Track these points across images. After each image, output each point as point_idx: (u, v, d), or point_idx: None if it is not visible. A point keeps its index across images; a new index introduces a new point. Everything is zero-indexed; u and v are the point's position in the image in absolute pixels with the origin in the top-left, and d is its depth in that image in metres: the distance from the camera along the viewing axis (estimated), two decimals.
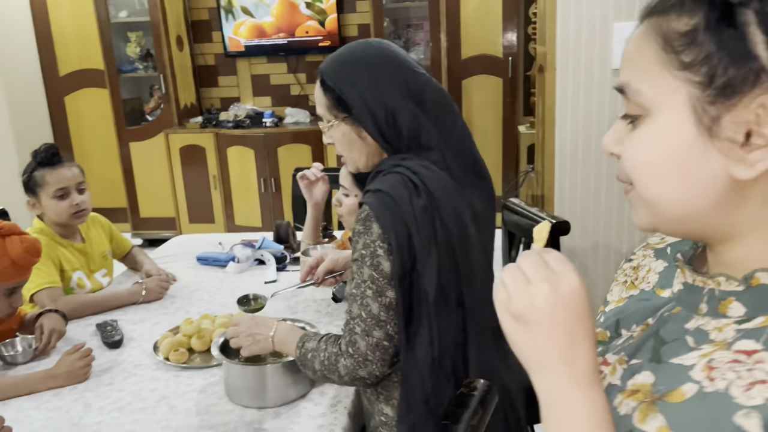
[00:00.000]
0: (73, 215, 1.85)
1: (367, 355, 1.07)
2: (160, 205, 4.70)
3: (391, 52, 1.15)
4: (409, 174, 1.07)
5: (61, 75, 4.64)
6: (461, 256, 1.08)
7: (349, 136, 1.16)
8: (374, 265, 1.05)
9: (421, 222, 1.04)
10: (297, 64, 4.74)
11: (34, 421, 1.26)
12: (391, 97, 1.10)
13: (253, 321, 1.30)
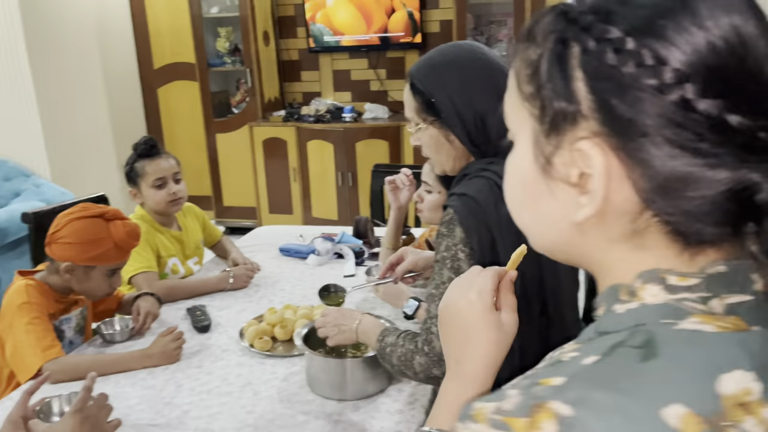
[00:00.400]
0: (170, 203, 1.96)
1: (442, 355, 1.08)
2: (242, 195, 4.88)
3: (483, 54, 1.13)
4: (495, 179, 1.06)
5: (155, 68, 4.89)
6: (546, 263, 1.06)
7: (437, 140, 1.16)
8: (454, 267, 1.05)
9: (506, 228, 1.02)
10: (378, 60, 4.78)
11: (130, 397, 1.35)
12: (481, 100, 1.09)
13: (340, 313, 1.34)
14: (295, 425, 1.22)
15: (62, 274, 1.53)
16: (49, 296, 1.56)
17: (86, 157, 4.44)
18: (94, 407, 1.10)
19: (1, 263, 3.53)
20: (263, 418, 1.24)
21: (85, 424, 1.06)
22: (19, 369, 1.46)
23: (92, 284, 1.56)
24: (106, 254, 1.54)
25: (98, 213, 1.55)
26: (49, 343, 1.46)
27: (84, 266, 1.54)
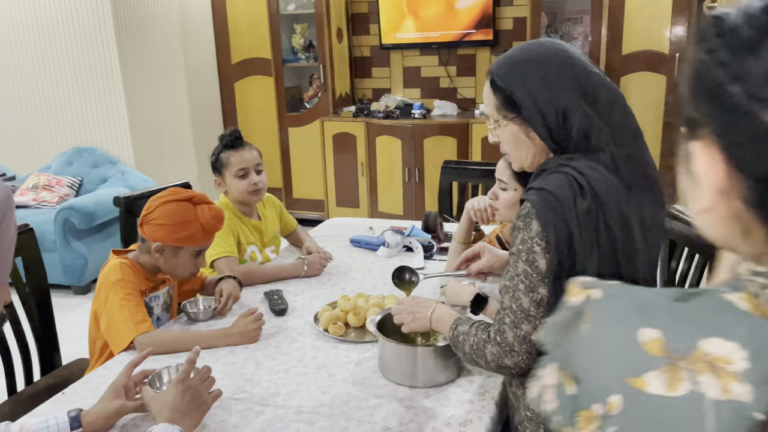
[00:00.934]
0: (251, 193, 2.06)
1: (514, 346, 1.09)
2: (311, 188, 5.01)
3: (564, 51, 1.13)
4: (575, 174, 1.06)
5: (233, 63, 5.07)
6: (624, 261, 1.06)
7: (516, 136, 1.17)
8: (529, 261, 1.06)
9: (584, 224, 1.03)
10: (448, 57, 4.79)
11: (214, 372, 1.41)
12: (563, 97, 1.09)
13: (415, 300, 1.38)
14: (368, 407, 1.26)
15: (153, 253, 1.64)
16: (140, 274, 1.67)
17: (167, 147, 4.67)
18: (196, 379, 1.18)
19: (90, 244, 3.78)
20: (338, 399, 1.30)
21: (186, 394, 1.14)
22: (113, 341, 1.57)
23: (179, 264, 1.66)
24: (193, 236, 1.63)
25: (187, 197, 1.65)
26: (140, 317, 1.56)
27: (173, 246, 1.64)
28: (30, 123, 4.44)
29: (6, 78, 4.39)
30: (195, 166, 4.93)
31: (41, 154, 4.47)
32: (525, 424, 1.21)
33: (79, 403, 1.32)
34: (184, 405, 1.13)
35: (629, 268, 1.07)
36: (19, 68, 4.34)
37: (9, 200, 0.87)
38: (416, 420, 1.21)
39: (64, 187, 4.12)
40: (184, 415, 1.12)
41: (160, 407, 1.13)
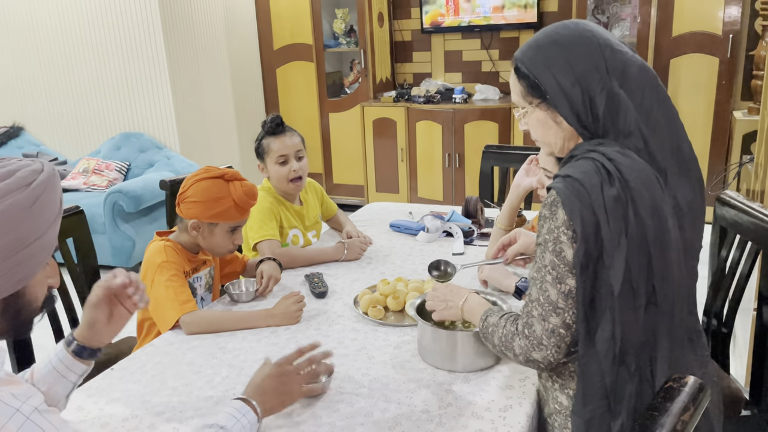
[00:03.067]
0: (290, 181, 2.08)
1: (542, 340, 1.06)
2: (351, 173, 5.03)
3: (588, 31, 1.08)
4: (603, 160, 1.02)
5: (275, 49, 5.11)
6: (656, 251, 1.01)
7: (544, 122, 1.13)
8: (556, 251, 1.03)
9: (612, 212, 0.98)
10: (491, 41, 4.71)
11: (256, 351, 1.46)
12: (588, 78, 1.05)
13: (448, 289, 1.37)
14: (407, 391, 1.27)
15: (190, 231, 1.68)
16: (182, 255, 1.70)
17: (211, 133, 4.75)
18: (293, 368, 1.19)
19: (138, 227, 3.89)
20: (378, 381, 1.31)
21: (279, 378, 1.16)
22: (159, 321, 1.62)
23: (216, 240, 1.70)
24: (227, 212, 1.66)
25: (219, 174, 1.68)
26: (185, 298, 1.60)
27: (208, 223, 1.67)
28: (81, 110, 4.58)
29: (58, 67, 4.53)
30: (238, 151, 5.01)
31: (91, 140, 4.61)
32: (554, 417, 1.19)
33: (127, 378, 1.37)
34: (272, 387, 1.14)
35: (661, 259, 1.02)
36: (70, 58, 4.48)
37: (49, 180, 0.89)
38: (455, 404, 1.21)
39: (112, 172, 4.24)
40: (266, 396, 1.13)
41: (255, 379, 1.15)
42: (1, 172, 0.85)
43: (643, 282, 1.01)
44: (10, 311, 0.88)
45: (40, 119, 4.72)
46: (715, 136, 4.13)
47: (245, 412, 1.07)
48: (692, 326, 1.11)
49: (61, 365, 1.09)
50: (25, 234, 0.84)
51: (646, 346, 1.04)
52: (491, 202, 2.61)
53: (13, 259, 0.83)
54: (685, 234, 1.06)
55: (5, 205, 0.82)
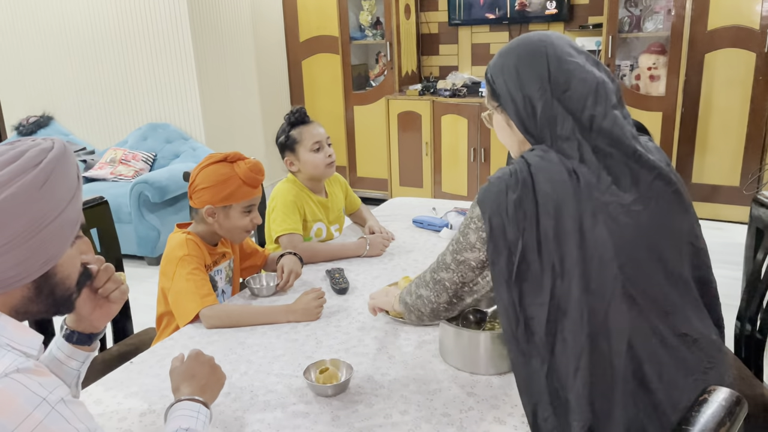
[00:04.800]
0: (327, 166, 2.07)
1: (429, 283, 1.24)
2: (375, 167, 5.00)
3: (544, 41, 1.14)
4: (520, 165, 1.08)
5: (301, 41, 5.09)
6: (555, 248, 1.03)
7: (500, 124, 1.21)
8: (464, 233, 1.15)
9: (512, 215, 1.06)
10: (519, 33, 4.63)
11: (276, 348, 1.45)
12: (530, 86, 1.11)
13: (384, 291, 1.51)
14: (428, 392, 1.24)
15: (206, 218, 1.68)
16: (203, 248, 1.70)
17: (236, 124, 4.77)
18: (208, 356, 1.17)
19: (162, 217, 3.92)
20: (397, 381, 1.28)
21: (208, 365, 1.14)
22: (179, 314, 1.61)
23: (233, 223, 1.69)
24: (237, 191, 1.66)
25: (222, 158, 1.68)
26: (206, 291, 1.60)
27: (222, 207, 1.67)
28: (109, 100, 4.63)
29: (88, 59, 4.58)
30: (263, 143, 5.02)
31: (119, 130, 4.66)
32: None
33: (146, 372, 1.37)
34: (205, 376, 1.12)
35: (561, 258, 1.04)
36: (99, 49, 4.52)
37: (59, 158, 0.87)
38: (477, 408, 1.18)
39: (139, 162, 4.28)
40: (205, 388, 1.10)
41: (178, 381, 1.11)
42: (12, 153, 0.84)
43: (548, 280, 1.05)
44: (45, 292, 0.88)
45: (69, 109, 4.78)
46: (750, 135, 4.01)
47: (198, 409, 1.04)
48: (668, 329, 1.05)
49: (60, 353, 1.09)
50: (42, 214, 0.84)
51: (553, 341, 1.05)
52: None
53: (33, 241, 0.83)
54: (628, 232, 1.04)
55: (16, 188, 0.81)
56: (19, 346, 0.81)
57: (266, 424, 1.16)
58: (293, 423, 1.15)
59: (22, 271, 0.83)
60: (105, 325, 1.12)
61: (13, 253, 0.81)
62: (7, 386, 0.73)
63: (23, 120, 4.78)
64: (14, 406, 0.73)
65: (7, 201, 0.81)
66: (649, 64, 4.08)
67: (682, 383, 1.02)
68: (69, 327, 1.08)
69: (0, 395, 0.73)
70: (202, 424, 1.03)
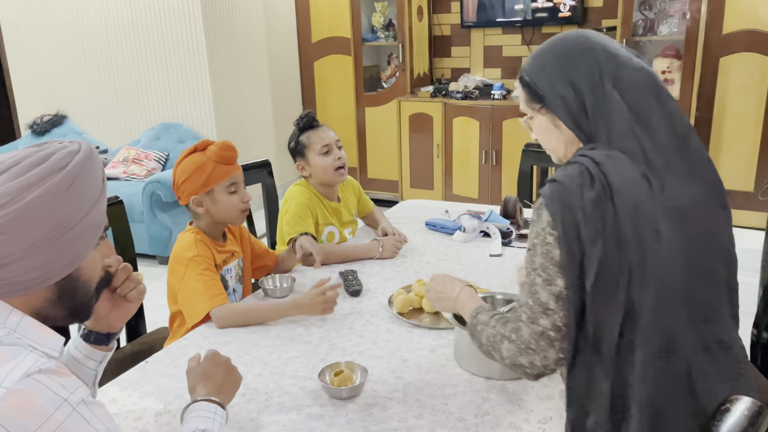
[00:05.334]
0: (336, 170, 2.07)
1: (530, 344, 1.04)
2: (386, 168, 5.00)
3: (584, 36, 1.11)
4: (588, 163, 1.02)
5: (313, 42, 5.10)
6: (635, 253, 0.99)
7: (545, 127, 1.15)
8: (544, 252, 1.03)
9: (590, 214, 0.99)
10: (532, 36, 4.62)
11: (290, 350, 1.45)
12: (580, 80, 1.07)
13: (442, 279, 1.37)
14: (442, 396, 1.23)
15: (196, 209, 1.69)
16: (212, 247, 1.71)
17: (248, 125, 4.78)
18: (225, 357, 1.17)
19: (175, 216, 3.93)
20: (412, 385, 1.28)
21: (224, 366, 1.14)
22: (188, 313, 1.62)
23: (223, 205, 1.68)
24: (213, 173, 1.66)
25: (192, 150, 1.70)
26: (216, 291, 1.60)
27: (205, 194, 1.68)
28: (122, 100, 4.65)
29: (102, 58, 4.61)
30: (274, 143, 5.03)
31: (131, 129, 4.68)
32: None
33: (161, 372, 1.37)
34: (221, 377, 1.12)
35: (641, 262, 0.99)
36: (113, 49, 4.55)
37: (86, 160, 0.87)
38: (492, 413, 1.18)
39: (151, 161, 4.30)
40: (221, 389, 1.10)
41: (194, 382, 1.11)
42: (39, 155, 0.85)
43: (623, 284, 1.00)
44: (66, 295, 0.88)
45: (83, 108, 4.81)
46: (766, 140, 3.97)
47: (215, 410, 1.04)
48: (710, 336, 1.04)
49: (77, 353, 1.09)
50: (67, 216, 0.84)
51: (621, 349, 1.01)
52: (530, 203, 2.55)
53: (59, 242, 0.83)
54: (691, 235, 1.02)
55: (42, 190, 0.82)
56: (41, 347, 0.82)
57: (281, 426, 1.16)
58: (308, 425, 1.15)
59: (47, 272, 0.84)
60: (122, 325, 1.12)
61: (38, 254, 0.82)
62: (29, 387, 0.74)
63: (37, 119, 4.81)
64: (36, 406, 0.73)
65: (34, 203, 0.81)
66: (663, 68, 4.06)
67: (719, 390, 1.00)
68: (86, 327, 1.09)
69: (22, 396, 0.73)
70: (219, 425, 1.03)
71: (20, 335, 0.81)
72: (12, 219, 0.80)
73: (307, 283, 1.79)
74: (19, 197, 0.81)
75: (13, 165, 0.83)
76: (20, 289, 0.83)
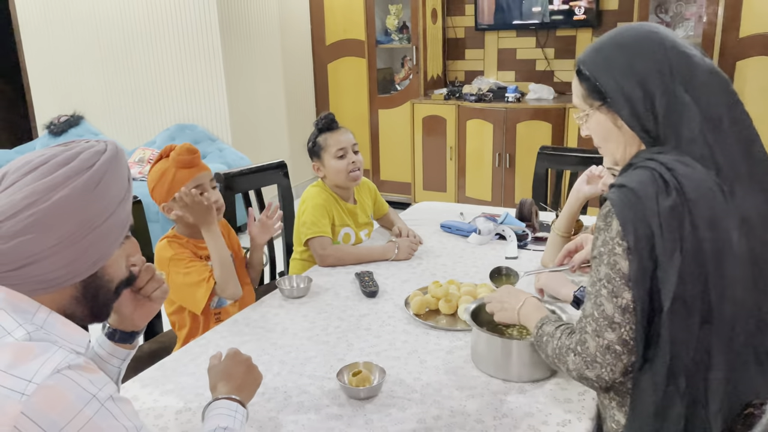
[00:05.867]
0: (350, 173, 2.07)
1: (596, 357, 1.02)
2: (399, 170, 5.00)
3: (654, 32, 1.04)
4: (661, 169, 0.97)
5: (327, 44, 5.12)
6: (713, 266, 0.95)
7: (604, 125, 1.09)
8: (611, 263, 0.99)
9: (667, 223, 0.94)
10: (546, 39, 4.61)
11: (308, 350, 1.45)
12: (650, 80, 1.00)
13: (507, 291, 1.35)
14: (460, 398, 1.24)
15: (168, 215, 1.71)
16: (189, 245, 1.73)
17: (262, 126, 4.81)
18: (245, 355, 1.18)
19: None
20: (430, 387, 1.28)
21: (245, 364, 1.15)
22: (191, 305, 1.68)
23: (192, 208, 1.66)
24: (175, 180, 1.67)
25: (157, 158, 1.72)
26: (207, 275, 1.66)
27: (172, 199, 1.68)
28: (138, 101, 4.69)
29: (118, 60, 4.65)
30: (288, 145, 5.05)
31: (147, 130, 4.72)
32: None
33: (180, 371, 1.38)
34: (241, 375, 1.12)
35: (719, 274, 0.96)
36: (129, 51, 4.59)
37: (112, 160, 0.88)
38: (510, 415, 1.18)
39: None
40: (242, 387, 1.11)
41: (215, 380, 1.12)
42: (66, 155, 0.86)
43: (698, 298, 0.95)
44: (90, 293, 0.90)
45: (99, 109, 4.86)
46: None
47: (235, 408, 1.05)
48: (764, 346, 1.03)
49: (102, 350, 1.11)
50: (94, 215, 0.85)
51: (699, 366, 0.98)
52: (546, 206, 2.55)
53: (85, 241, 0.85)
54: (756, 247, 0.99)
55: (69, 189, 0.83)
56: (68, 344, 0.83)
57: (300, 426, 1.16)
58: (327, 425, 1.16)
59: (72, 270, 0.85)
60: (146, 324, 1.14)
61: (64, 253, 0.83)
62: (59, 382, 0.75)
63: (54, 119, 4.87)
64: (66, 402, 0.74)
65: (61, 202, 0.82)
66: None
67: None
68: (111, 326, 1.10)
69: (52, 391, 0.74)
70: (240, 423, 1.04)
71: (48, 331, 0.82)
72: (39, 218, 0.81)
73: (323, 284, 1.81)
74: (46, 197, 0.82)
75: (40, 164, 0.85)
76: (46, 287, 0.84)
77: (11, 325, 0.79)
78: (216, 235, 1.68)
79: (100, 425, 0.76)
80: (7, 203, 0.81)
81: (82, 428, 0.74)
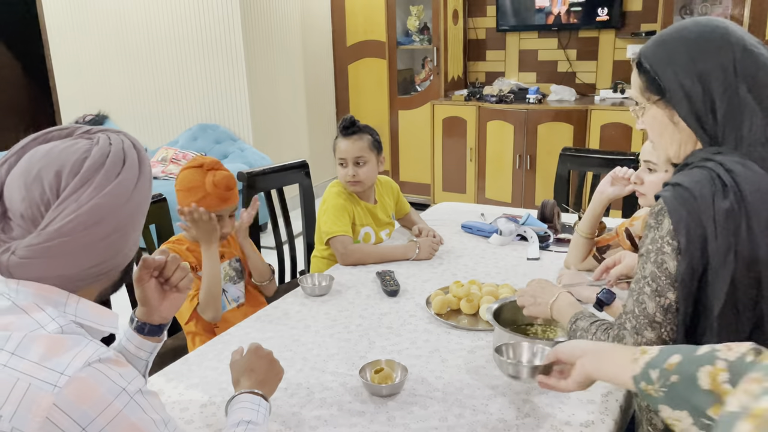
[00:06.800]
0: (348, 183, 2.09)
1: None
2: (418, 171, 5.00)
3: (721, 27, 1.01)
4: (719, 170, 0.94)
5: (348, 45, 5.14)
6: (767, 274, 0.93)
7: (660, 121, 1.06)
8: (658, 262, 0.97)
9: (722, 226, 0.91)
10: (569, 40, 4.58)
11: (329, 347, 1.46)
12: (711, 77, 0.97)
13: (540, 285, 1.34)
14: (482, 398, 1.24)
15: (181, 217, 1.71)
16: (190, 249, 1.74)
17: (283, 126, 4.84)
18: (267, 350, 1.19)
19: None
20: (451, 385, 1.28)
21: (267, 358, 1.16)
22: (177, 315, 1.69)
23: (199, 226, 1.65)
24: (203, 200, 1.66)
25: (199, 164, 1.70)
26: (194, 293, 1.67)
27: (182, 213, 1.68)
28: (161, 101, 4.76)
29: (143, 61, 4.72)
30: (308, 145, 5.08)
31: (170, 130, 4.79)
32: None
33: (205, 365, 1.40)
34: (264, 370, 1.14)
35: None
36: (154, 52, 4.65)
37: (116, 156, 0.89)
38: (533, 415, 1.17)
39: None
40: (264, 382, 1.12)
41: (238, 374, 1.13)
42: (113, 157, 0.88)
43: (750, 305, 0.93)
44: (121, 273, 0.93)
45: (124, 109, 4.93)
46: None
47: (258, 402, 1.06)
48: None
49: (129, 344, 1.12)
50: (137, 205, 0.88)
51: None
52: (568, 207, 2.53)
53: (139, 227, 0.89)
54: None
55: (124, 186, 0.86)
56: (101, 326, 0.85)
57: (323, 421, 1.17)
58: (350, 421, 1.17)
59: (122, 259, 0.89)
60: (173, 315, 1.15)
61: (118, 243, 0.86)
62: (90, 375, 0.76)
63: (79, 118, 4.95)
64: (97, 394, 0.76)
65: (117, 188, 0.85)
66: None
67: None
68: (140, 319, 1.12)
69: (83, 384, 0.76)
70: (263, 417, 1.05)
71: (82, 318, 0.84)
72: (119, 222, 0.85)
73: (345, 283, 1.82)
74: (118, 201, 0.85)
75: (96, 169, 0.85)
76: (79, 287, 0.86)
77: (44, 319, 0.80)
78: (213, 256, 1.67)
79: (129, 417, 0.78)
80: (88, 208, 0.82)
81: (112, 420, 0.76)
